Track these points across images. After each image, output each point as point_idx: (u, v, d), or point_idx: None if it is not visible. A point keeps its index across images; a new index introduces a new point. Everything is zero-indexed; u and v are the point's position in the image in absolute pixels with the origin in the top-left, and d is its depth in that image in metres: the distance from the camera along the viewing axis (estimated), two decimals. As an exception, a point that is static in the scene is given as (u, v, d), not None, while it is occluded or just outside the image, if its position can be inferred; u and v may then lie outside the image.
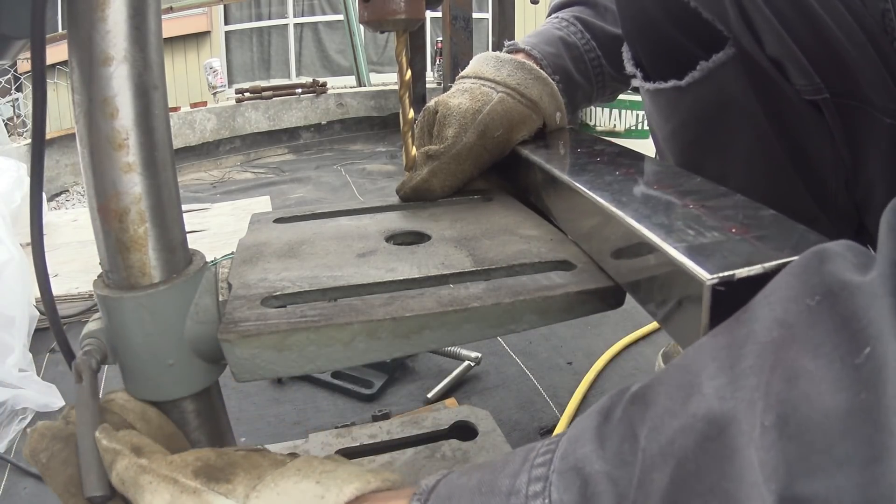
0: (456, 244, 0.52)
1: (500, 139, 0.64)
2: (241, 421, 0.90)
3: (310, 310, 0.41)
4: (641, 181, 0.53)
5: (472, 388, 0.97)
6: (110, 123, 0.40)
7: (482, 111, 0.63)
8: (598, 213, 0.47)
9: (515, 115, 0.64)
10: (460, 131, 0.63)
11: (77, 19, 0.39)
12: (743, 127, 0.59)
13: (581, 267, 0.47)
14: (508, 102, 0.64)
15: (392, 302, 0.42)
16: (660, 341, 1.06)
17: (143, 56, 0.41)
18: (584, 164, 0.58)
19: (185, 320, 0.45)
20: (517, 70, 0.66)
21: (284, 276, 0.47)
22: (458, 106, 0.64)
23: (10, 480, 0.79)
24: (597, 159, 0.60)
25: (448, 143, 0.63)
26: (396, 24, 0.57)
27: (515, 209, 0.62)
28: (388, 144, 3.15)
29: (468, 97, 0.64)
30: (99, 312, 0.46)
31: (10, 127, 2.89)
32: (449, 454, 0.69)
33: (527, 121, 0.66)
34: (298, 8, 6.70)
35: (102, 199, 0.42)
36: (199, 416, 0.49)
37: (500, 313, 0.42)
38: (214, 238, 1.60)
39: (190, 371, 0.46)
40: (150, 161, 0.42)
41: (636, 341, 1.07)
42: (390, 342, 0.41)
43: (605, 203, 0.46)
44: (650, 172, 0.57)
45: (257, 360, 0.39)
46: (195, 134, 2.87)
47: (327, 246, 0.53)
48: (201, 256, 0.49)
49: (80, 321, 1.15)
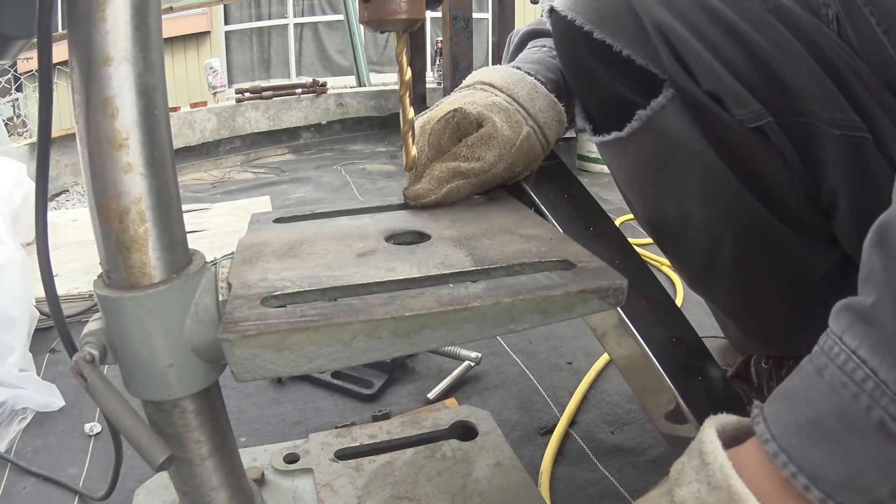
0: (456, 244, 0.52)
1: (516, 174, 0.64)
2: (241, 421, 0.90)
3: (310, 309, 0.41)
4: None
5: (472, 388, 0.97)
6: (110, 123, 0.40)
7: (516, 144, 0.60)
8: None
9: (533, 155, 0.63)
10: (499, 159, 0.60)
11: (77, 19, 0.39)
12: (693, 166, 0.59)
13: (581, 266, 0.47)
14: (532, 140, 0.62)
15: (392, 301, 0.42)
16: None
17: (144, 56, 0.41)
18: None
19: (185, 320, 0.45)
20: (549, 109, 0.63)
21: (284, 276, 0.47)
22: (502, 131, 0.60)
23: (10, 480, 0.79)
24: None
25: (486, 165, 0.60)
26: (396, 24, 0.57)
27: (515, 209, 0.62)
28: (388, 144, 3.15)
29: (507, 123, 0.61)
30: (99, 312, 0.46)
31: (10, 127, 2.89)
32: (449, 454, 0.69)
33: (537, 160, 0.65)
34: (298, 8, 6.71)
35: (102, 199, 0.42)
36: (199, 416, 0.49)
37: (499, 313, 0.42)
38: (214, 238, 1.60)
39: (190, 371, 0.46)
40: (150, 161, 0.42)
41: (636, 341, 1.07)
42: (390, 342, 0.41)
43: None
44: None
45: (257, 360, 0.39)
46: (195, 134, 2.87)
47: (327, 246, 0.53)
48: (201, 256, 0.49)
49: (80, 321, 1.15)
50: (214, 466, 0.52)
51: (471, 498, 0.63)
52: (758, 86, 0.53)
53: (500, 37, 2.95)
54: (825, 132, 0.54)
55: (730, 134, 0.56)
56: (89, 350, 0.44)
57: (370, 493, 0.64)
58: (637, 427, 0.86)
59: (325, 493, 0.64)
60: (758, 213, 0.60)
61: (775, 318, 0.70)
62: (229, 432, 0.54)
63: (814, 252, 0.63)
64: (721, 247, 0.64)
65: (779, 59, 0.52)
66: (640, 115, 0.57)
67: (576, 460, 0.81)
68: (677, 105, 0.56)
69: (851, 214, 0.58)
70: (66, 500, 0.76)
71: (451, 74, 2.20)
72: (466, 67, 2.20)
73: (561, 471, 0.79)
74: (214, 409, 0.51)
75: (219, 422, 0.52)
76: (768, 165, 0.57)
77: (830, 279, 0.65)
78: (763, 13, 0.53)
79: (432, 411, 0.80)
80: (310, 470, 0.67)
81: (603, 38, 0.56)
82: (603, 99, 0.62)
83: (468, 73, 2.51)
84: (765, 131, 0.55)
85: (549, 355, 1.06)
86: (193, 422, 0.49)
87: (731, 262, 0.64)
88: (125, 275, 0.43)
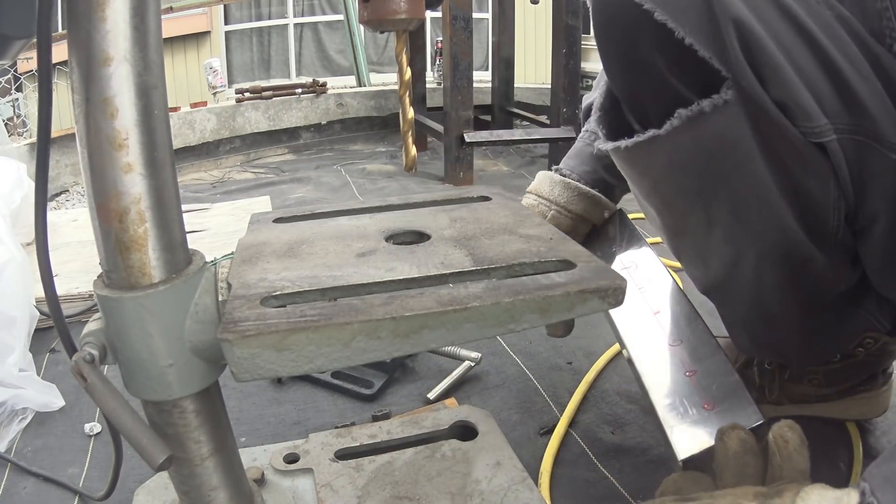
0: (455, 244, 0.52)
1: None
2: (241, 421, 0.90)
3: (309, 309, 0.41)
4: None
5: (472, 388, 0.97)
6: (110, 123, 0.40)
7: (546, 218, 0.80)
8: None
9: (563, 226, 0.81)
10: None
11: (77, 19, 0.39)
12: (734, 174, 0.56)
13: (581, 266, 0.47)
14: (558, 217, 0.82)
15: (392, 301, 0.42)
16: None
17: (143, 56, 0.41)
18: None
19: (185, 320, 0.45)
20: (565, 190, 0.82)
21: (284, 276, 0.47)
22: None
23: (10, 480, 0.79)
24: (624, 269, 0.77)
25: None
26: (396, 24, 0.57)
27: (515, 209, 0.62)
28: (388, 144, 3.15)
29: (537, 211, 0.82)
30: (99, 312, 0.46)
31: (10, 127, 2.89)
32: (449, 454, 0.69)
33: (575, 228, 0.82)
34: (298, 8, 6.71)
35: (102, 198, 0.42)
36: (199, 416, 0.49)
37: (499, 312, 0.42)
38: (214, 238, 1.60)
39: (190, 371, 0.46)
40: (150, 161, 0.42)
41: (636, 341, 1.07)
42: (390, 342, 0.41)
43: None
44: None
45: (257, 360, 0.39)
46: (195, 134, 2.87)
47: (327, 246, 0.53)
48: (201, 256, 0.49)
49: (80, 321, 1.15)
50: (214, 466, 0.52)
51: (471, 498, 0.63)
52: (826, 98, 0.51)
53: (499, 37, 2.96)
54: (882, 155, 0.52)
55: (786, 146, 0.53)
56: (89, 350, 0.44)
57: (370, 493, 0.64)
58: (637, 427, 0.86)
59: (325, 493, 0.64)
60: (790, 229, 0.57)
61: (787, 331, 0.69)
62: (229, 432, 0.54)
63: (836, 272, 0.62)
64: (743, 260, 0.62)
65: (850, 72, 0.50)
66: (681, 113, 0.54)
67: (576, 460, 0.81)
68: (735, 107, 0.52)
69: (886, 240, 0.57)
70: (66, 500, 0.76)
71: (451, 74, 2.19)
72: (466, 67, 2.20)
73: (561, 471, 0.79)
74: (214, 409, 0.51)
75: (219, 422, 0.52)
76: (818, 183, 0.55)
77: (844, 295, 0.65)
78: (832, 21, 0.51)
79: (432, 411, 0.80)
80: (310, 470, 0.67)
81: (665, 20, 0.51)
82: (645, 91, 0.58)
83: (468, 73, 2.50)
84: (825, 147, 0.53)
85: (549, 355, 1.06)
86: (193, 422, 0.49)
87: (751, 275, 0.63)
88: (125, 275, 0.43)
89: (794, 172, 0.54)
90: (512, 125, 3.00)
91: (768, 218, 0.57)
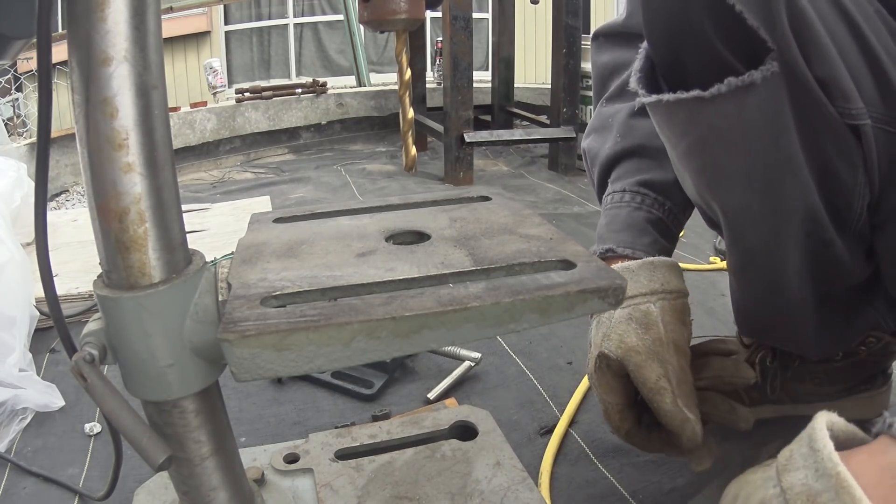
0: (455, 244, 0.52)
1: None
2: (241, 421, 0.90)
3: (309, 309, 0.41)
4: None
5: (472, 388, 0.97)
6: (110, 123, 0.40)
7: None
8: None
9: (686, 311, 0.72)
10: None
11: (77, 19, 0.39)
12: (768, 148, 0.56)
13: (581, 266, 0.47)
14: (662, 306, 0.70)
15: (391, 301, 0.42)
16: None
17: (143, 56, 0.41)
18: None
19: (185, 320, 0.45)
20: (652, 272, 0.71)
21: (284, 276, 0.47)
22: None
23: (10, 480, 0.79)
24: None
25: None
26: (396, 24, 0.57)
27: (515, 209, 0.62)
28: (388, 144, 3.15)
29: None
30: (99, 312, 0.46)
31: (10, 127, 2.89)
32: (449, 454, 0.69)
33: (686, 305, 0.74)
34: (298, 8, 6.71)
35: (102, 198, 0.42)
36: (199, 416, 0.49)
37: (499, 313, 0.42)
38: (214, 238, 1.60)
39: (190, 371, 0.46)
40: (150, 161, 0.42)
41: (636, 341, 1.07)
42: (390, 342, 0.41)
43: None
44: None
45: (257, 360, 0.39)
46: (195, 134, 2.87)
47: (327, 246, 0.53)
48: (201, 256, 0.49)
49: (80, 321, 1.15)
50: (214, 466, 0.52)
51: (471, 498, 0.63)
52: (865, 85, 0.52)
53: (499, 37, 2.96)
54: None
55: (822, 123, 0.53)
56: (89, 350, 0.44)
57: (370, 493, 0.64)
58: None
59: (325, 493, 0.64)
60: (816, 208, 0.58)
61: (800, 317, 0.69)
62: (229, 432, 0.54)
63: (853, 262, 0.62)
64: (771, 238, 0.62)
65: (889, 65, 0.51)
66: (731, 81, 0.53)
67: (576, 460, 0.81)
68: (776, 80, 0.52)
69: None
70: (66, 500, 0.76)
71: (451, 74, 2.19)
72: (466, 67, 2.20)
73: (561, 471, 0.79)
74: (214, 409, 0.51)
75: (219, 422, 0.52)
76: (848, 166, 0.55)
77: (856, 289, 0.66)
78: (873, 14, 0.51)
79: (432, 411, 0.80)
80: (310, 470, 0.67)
81: None
82: (689, 55, 0.58)
83: (468, 73, 2.50)
84: (858, 131, 0.53)
85: (549, 355, 1.06)
86: (193, 422, 0.49)
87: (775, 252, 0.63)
88: (125, 275, 0.43)
89: (826, 151, 0.55)
90: (512, 125, 3.00)
91: (797, 195, 0.57)
